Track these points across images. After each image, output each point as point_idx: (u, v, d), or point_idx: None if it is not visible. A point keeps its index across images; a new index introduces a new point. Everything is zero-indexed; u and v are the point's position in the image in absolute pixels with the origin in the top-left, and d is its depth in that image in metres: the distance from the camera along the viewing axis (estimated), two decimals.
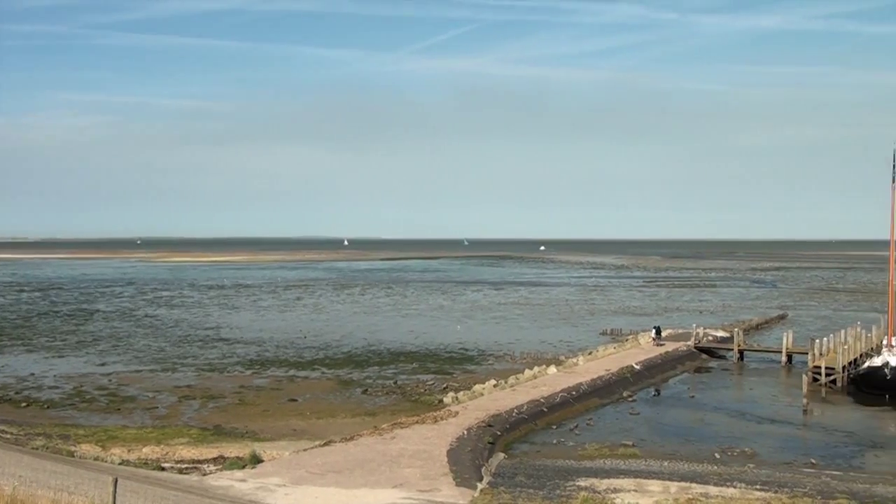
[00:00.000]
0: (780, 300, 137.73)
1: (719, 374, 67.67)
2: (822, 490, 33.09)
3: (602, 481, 33.75)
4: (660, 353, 69.93)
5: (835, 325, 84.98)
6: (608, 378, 58.36)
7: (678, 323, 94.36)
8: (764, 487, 33.22)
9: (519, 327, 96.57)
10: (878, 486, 34.32)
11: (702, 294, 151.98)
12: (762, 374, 66.80)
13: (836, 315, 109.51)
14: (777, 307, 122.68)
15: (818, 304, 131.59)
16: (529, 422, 46.17)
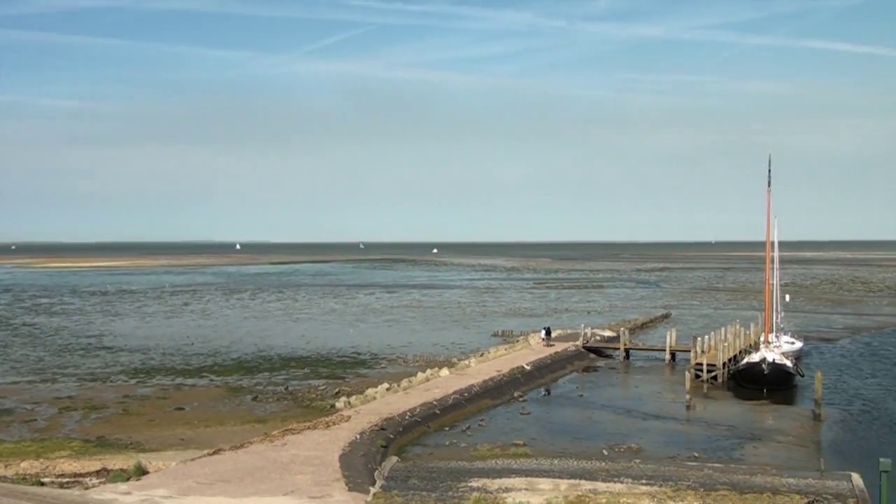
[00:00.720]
0: (664, 300, 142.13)
1: (606, 372, 69.28)
2: (704, 482, 34.19)
3: (494, 481, 34.03)
4: (549, 353, 71.11)
5: (715, 324, 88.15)
6: (499, 379, 58.97)
7: (567, 323, 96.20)
8: (650, 481, 34.11)
9: (411, 330, 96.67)
10: (757, 476, 35.67)
11: (590, 295, 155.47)
12: (647, 372, 68.71)
13: (717, 314, 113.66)
14: (661, 307, 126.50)
15: (700, 303, 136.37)
16: (422, 424, 46.22)
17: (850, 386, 61.80)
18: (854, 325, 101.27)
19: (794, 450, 43.44)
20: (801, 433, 47.40)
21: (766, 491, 33.00)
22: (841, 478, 35.42)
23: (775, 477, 35.58)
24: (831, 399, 55.32)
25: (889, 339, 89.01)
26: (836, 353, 79.34)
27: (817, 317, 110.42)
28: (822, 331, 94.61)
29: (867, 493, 33.15)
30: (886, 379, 65.23)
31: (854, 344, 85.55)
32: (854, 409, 53.60)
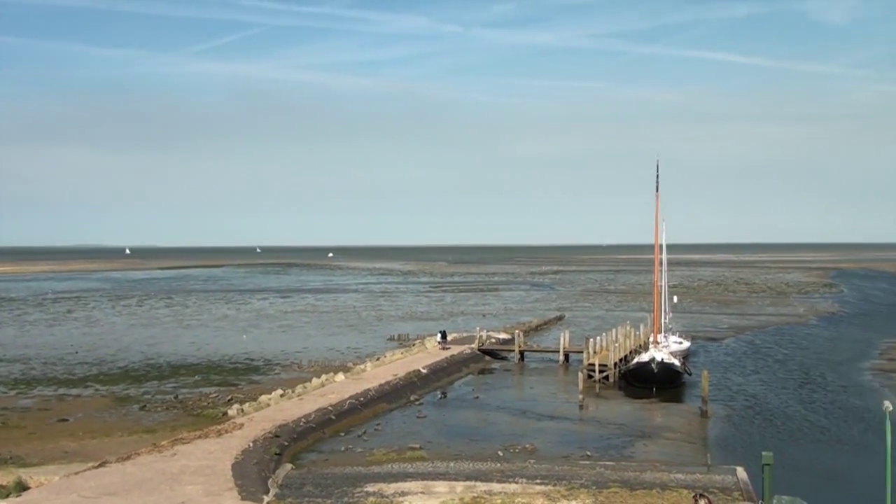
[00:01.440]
0: (558, 302, 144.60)
1: (502, 374, 69.93)
2: (596, 480, 34.78)
3: (390, 485, 33.83)
4: (446, 356, 71.31)
5: (607, 325, 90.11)
6: (396, 383, 58.78)
7: (463, 326, 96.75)
8: (544, 481, 34.49)
9: (306, 335, 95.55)
10: (647, 472, 36.50)
11: (485, 298, 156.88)
12: (542, 373, 69.66)
13: (609, 315, 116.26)
14: (555, 309, 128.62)
15: (592, 304, 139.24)
16: (317, 430, 45.63)
17: (734, 383, 64.05)
18: (738, 325, 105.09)
19: (682, 446, 44.65)
20: (689, 430, 48.79)
21: (656, 487, 33.80)
22: (726, 472, 36.59)
23: (664, 473, 36.48)
24: (717, 396, 57.19)
25: (770, 338, 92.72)
26: (722, 351, 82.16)
27: (704, 317, 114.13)
28: (708, 330, 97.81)
29: (750, 485, 34.33)
30: (767, 375, 67.90)
31: (738, 343, 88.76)
32: (738, 405, 55.57)
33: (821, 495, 33.61)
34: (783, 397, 58.72)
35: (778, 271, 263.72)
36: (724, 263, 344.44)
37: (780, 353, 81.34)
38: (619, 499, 32.03)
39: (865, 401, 56.49)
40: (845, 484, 38.82)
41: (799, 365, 73.32)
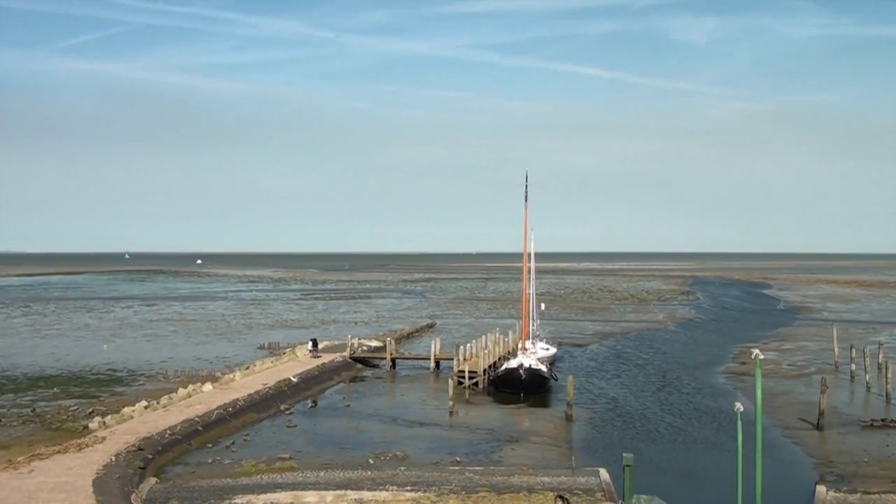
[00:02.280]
0: (429, 309, 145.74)
1: (373, 382, 70.04)
2: (465, 485, 35.45)
3: (259, 497, 33.52)
4: (317, 364, 70.90)
5: (477, 332, 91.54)
6: (265, 392, 58.08)
7: (335, 334, 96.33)
8: (414, 488, 34.90)
9: (172, 344, 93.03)
10: (515, 476, 37.43)
11: (357, 305, 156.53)
12: (413, 381, 70.16)
13: (479, 322, 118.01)
14: (426, 316, 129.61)
15: (463, 312, 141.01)
16: (184, 442, 44.63)
17: (597, 387, 66.25)
18: (602, 331, 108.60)
19: (549, 449, 45.91)
20: (555, 433, 50.19)
21: (523, 490, 34.73)
22: (590, 473, 37.94)
23: (531, 476, 37.51)
24: (582, 400, 59.04)
25: (632, 343, 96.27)
26: (587, 357, 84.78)
27: (570, 324, 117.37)
28: (574, 337, 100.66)
29: (612, 486, 35.73)
30: (628, 379, 70.54)
31: (602, 348, 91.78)
32: (601, 409, 57.55)
33: (678, 493, 35.25)
34: (643, 400, 61.15)
35: (640, 279, 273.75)
36: (589, 272, 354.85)
37: (641, 357, 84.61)
38: (488, 503, 32.75)
39: (719, 402, 59.47)
40: (700, 481, 40.81)
41: (658, 369, 76.46)
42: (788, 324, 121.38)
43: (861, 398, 62.24)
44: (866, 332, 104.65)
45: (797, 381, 68.99)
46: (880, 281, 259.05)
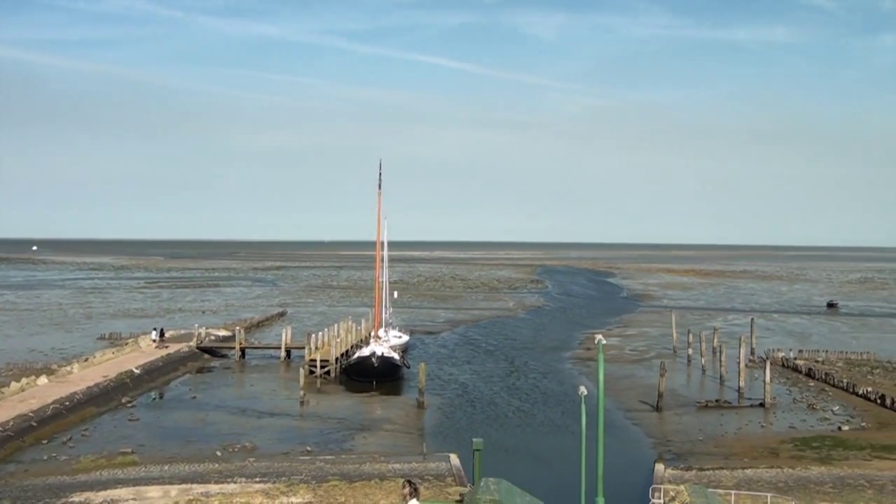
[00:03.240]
0: (281, 298, 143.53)
1: (222, 372, 68.30)
2: (316, 475, 35.04)
3: (98, 494, 32.01)
4: (161, 355, 68.50)
5: (329, 320, 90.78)
6: (106, 385, 55.61)
7: (181, 324, 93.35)
8: (263, 479, 34.20)
9: (4, 336, 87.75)
10: (366, 464, 37.31)
11: (205, 294, 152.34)
12: (263, 371, 68.85)
13: (331, 311, 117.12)
14: (277, 305, 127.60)
15: (315, 300, 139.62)
16: (16, 439, 42.13)
17: (449, 374, 66.95)
18: (454, 319, 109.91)
19: (401, 437, 46.02)
20: (407, 421, 50.37)
21: (374, 478, 34.63)
22: (441, 459, 38.27)
23: (382, 463, 37.49)
24: (433, 387, 59.50)
25: (482, 330, 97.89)
26: (438, 344, 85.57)
27: (422, 312, 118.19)
28: (426, 325, 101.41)
29: (462, 471, 36.14)
30: (479, 366, 71.67)
31: (453, 336, 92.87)
32: (453, 396, 58.18)
33: (526, 475, 36.00)
34: (493, 386, 62.24)
35: (491, 268, 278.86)
36: (441, 260, 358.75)
37: (491, 344, 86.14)
38: (339, 492, 32.47)
39: (565, 387, 61.24)
40: (547, 463, 41.85)
41: (507, 355, 78.03)
42: (631, 311, 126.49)
43: (697, 381, 65.54)
44: (702, 318, 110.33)
45: (639, 366, 71.94)
46: (716, 270, 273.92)
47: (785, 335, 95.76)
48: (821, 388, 61.16)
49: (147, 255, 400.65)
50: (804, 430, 47.82)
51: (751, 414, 52.34)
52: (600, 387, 22.94)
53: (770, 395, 54.77)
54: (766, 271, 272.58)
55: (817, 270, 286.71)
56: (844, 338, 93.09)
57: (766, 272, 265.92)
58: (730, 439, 45.55)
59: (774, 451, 42.39)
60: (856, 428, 48.05)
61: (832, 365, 69.61)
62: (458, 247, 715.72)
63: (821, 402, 55.59)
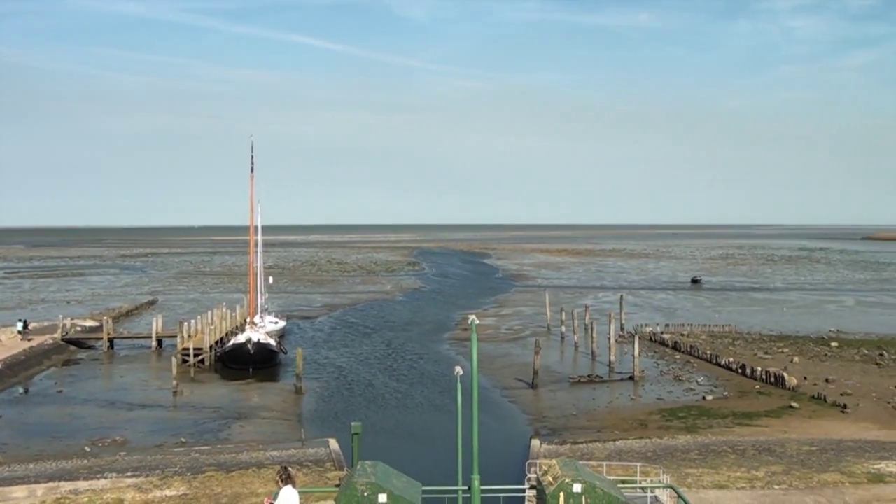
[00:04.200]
0: (151, 286, 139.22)
1: (89, 365, 65.80)
2: (191, 466, 34.28)
3: None
4: (23, 348, 65.45)
5: (203, 308, 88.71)
6: None
7: (45, 315, 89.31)
8: (136, 473, 33.22)
9: None
10: (244, 453, 36.76)
11: (70, 283, 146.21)
12: (133, 361, 66.73)
13: (205, 297, 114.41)
14: (147, 293, 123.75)
15: (187, 287, 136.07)
16: None
17: (327, 359, 66.57)
18: (331, 303, 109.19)
19: (279, 424, 45.52)
20: (285, 407, 49.85)
21: (252, 466, 34.16)
22: (320, 444, 38.11)
23: (260, 452, 37.05)
24: (311, 373, 59.03)
25: (359, 314, 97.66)
26: (316, 329, 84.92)
27: (299, 296, 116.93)
28: (303, 310, 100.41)
29: (342, 455, 36.08)
30: (356, 349, 71.56)
31: (331, 320, 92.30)
32: (331, 380, 57.91)
33: (405, 456, 36.22)
34: (371, 369, 62.28)
35: (368, 251, 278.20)
36: (318, 244, 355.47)
37: (369, 327, 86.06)
38: (215, 482, 31.87)
39: (442, 367, 61.82)
40: (425, 443, 42.22)
41: (385, 338, 78.16)
42: (506, 291, 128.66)
43: (570, 357, 67.37)
44: (575, 296, 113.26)
45: (514, 344, 73.33)
46: (587, 249, 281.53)
47: (652, 311, 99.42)
48: (686, 360, 63.89)
49: (6, 244, 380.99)
50: (671, 401, 49.89)
51: (621, 387, 54.22)
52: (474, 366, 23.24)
53: (639, 369, 56.88)
54: (635, 249, 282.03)
55: (682, 248, 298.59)
56: (707, 312, 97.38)
57: (634, 250, 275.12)
58: (601, 413, 47.07)
59: (643, 423, 44.07)
60: (719, 397, 50.47)
61: (696, 338, 72.82)
62: (336, 230, 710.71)
63: (686, 374, 58.09)
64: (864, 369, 58.77)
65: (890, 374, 56.88)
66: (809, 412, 45.98)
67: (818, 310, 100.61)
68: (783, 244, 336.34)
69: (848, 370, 58.29)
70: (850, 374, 56.54)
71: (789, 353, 64.84)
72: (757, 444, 38.01)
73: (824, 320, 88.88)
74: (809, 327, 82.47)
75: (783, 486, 30.82)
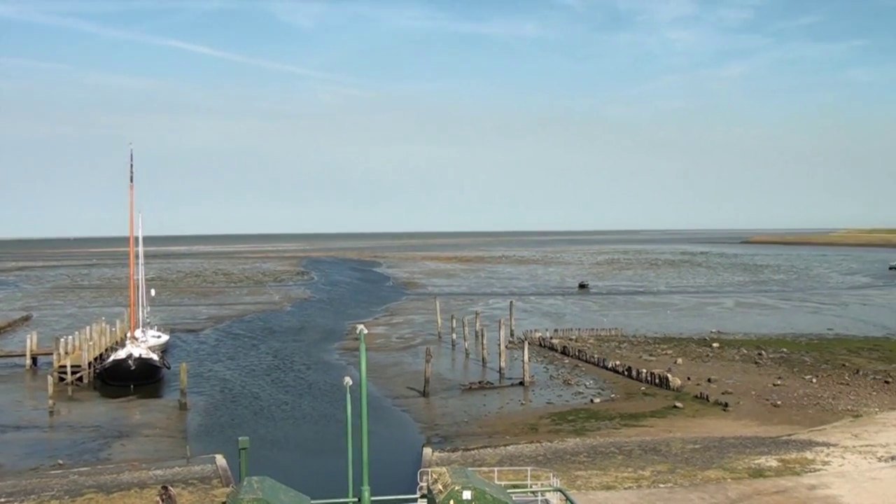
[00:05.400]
0: (24, 301, 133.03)
1: None
2: (70, 489, 32.67)
3: None
4: None
5: (81, 323, 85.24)
6: None
7: None
8: (9, 499, 31.42)
9: None
10: (125, 473, 35.29)
11: None
12: (6, 381, 63.38)
13: (83, 312, 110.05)
14: (21, 308, 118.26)
15: (64, 302, 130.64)
16: None
17: (213, 372, 64.82)
18: (217, 315, 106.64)
19: (163, 441, 43.96)
20: (169, 424, 48.21)
21: (134, 486, 32.82)
22: (206, 461, 36.94)
23: (143, 471, 35.65)
24: (197, 387, 57.35)
25: (246, 325, 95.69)
26: (201, 342, 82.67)
27: (183, 309, 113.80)
28: (187, 322, 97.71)
29: (230, 471, 35.04)
30: (243, 361, 70.01)
31: (217, 332, 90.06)
32: (218, 394, 56.38)
33: (294, 469, 35.55)
34: (259, 381, 60.95)
35: (255, 261, 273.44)
36: (203, 255, 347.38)
37: (257, 339, 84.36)
38: None
39: (331, 377, 61.04)
40: (315, 454, 41.51)
41: (273, 349, 76.73)
42: (397, 299, 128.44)
43: (461, 364, 67.57)
44: (465, 303, 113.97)
45: (406, 353, 73.10)
46: (477, 256, 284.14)
47: (542, 316, 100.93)
48: (575, 364, 64.95)
49: None
50: (560, 404, 50.58)
51: (512, 393, 54.66)
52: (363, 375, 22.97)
53: (529, 374, 57.48)
54: (524, 256, 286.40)
55: (570, 254, 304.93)
56: (595, 316, 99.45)
57: (523, 257, 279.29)
58: (493, 419, 47.31)
59: (534, 427, 44.50)
60: (606, 399, 51.45)
61: (584, 342, 74.20)
62: (222, 240, 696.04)
63: (575, 378, 59.03)
64: (743, 368, 61.01)
65: (768, 372, 59.21)
66: (693, 411, 47.37)
67: (700, 312, 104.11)
68: (666, 249, 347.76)
69: (729, 369, 60.40)
70: (730, 374, 58.59)
71: (673, 355, 66.74)
72: (643, 444, 38.85)
73: (706, 322, 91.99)
74: (692, 329, 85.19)
75: (668, 485, 31.52)
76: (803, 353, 67.52)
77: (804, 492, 30.40)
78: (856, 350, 69.43)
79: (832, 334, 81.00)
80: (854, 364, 61.95)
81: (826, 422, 44.24)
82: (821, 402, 49.34)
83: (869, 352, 68.46)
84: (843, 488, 30.76)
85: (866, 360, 64.38)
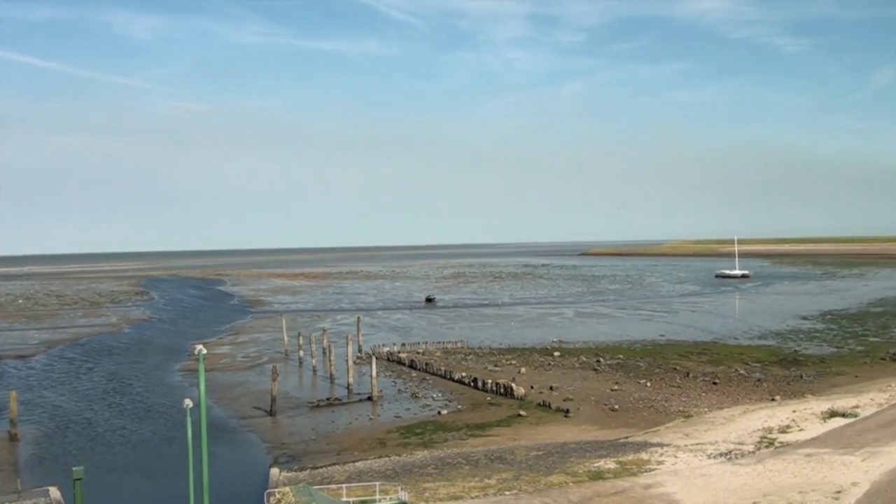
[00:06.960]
0: None
1: None
2: None
3: None
4: None
5: None
6: None
7: None
8: None
9: None
10: None
11: None
12: None
13: None
14: None
15: None
16: None
17: (46, 400, 61.55)
18: (50, 339, 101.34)
19: None
20: None
21: None
22: (39, 494, 35.09)
23: None
24: (28, 417, 54.29)
25: (81, 349, 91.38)
26: (31, 368, 78.31)
27: (12, 334, 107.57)
28: (17, 348, 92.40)
29: (64, 503, 33.43)
30: (79, 386, 66.88)
31: (50, 358, 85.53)
32: (51, 423, 53.54)
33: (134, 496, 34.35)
34: (96, 407, 58.35)
35: (90, 281, 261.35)
36: (33, 276, 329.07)
37: (93, 363, 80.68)
38: None
39: (172, 399, 59.12)
40: (156, 479, 40.18)
41: (111, 373, 73.62)
42: (242, 317, 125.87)
43: (309, 381, 66.96)
44: (313, 320, 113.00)
45: (251, 372, 71.75)
46: (324, 272, 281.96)
47: (389, 331, 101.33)
48: (422, 377, 65.60)
49: None
50: (408, 417, 50.99)
51: (360, 408, 54.65)
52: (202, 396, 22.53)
53: (376, 389, 57.63)
54: (371, 271, 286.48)
55: (417, 268, 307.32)
56: (441, 329, 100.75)
57: (370, 272, 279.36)
58: (341, 435, 47.16)
59: (382, 441, 44.66)
60: (453, 411, 52.27)
61: (431, 355, 75.08)
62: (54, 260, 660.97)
63: (423, 391, 59.64)
64: (583, 375, 63.36)
65: (606, 378, 61.75)
66: (536, 419, 48.80)
67: (542, 322, 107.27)
68: (510, 262, 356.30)
69: (570, 377, 62.58)
70: (571, 381, 60.73)
71: (517, 365, 68.53)
72: (489, 453, 39.70)
73: (548, 332, 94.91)
74: (535, 339, 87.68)
75: (514, 492, 32.35)
76: (638, 359, 70.83)
77: (640, 491, 31.88)
78: (686, 354, 73.44)
79: (664, 340, 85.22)
80: (685, 367, 65.56)
81: (660, 423, 46.59)
82: (655, 405, 51.89)
83: (698, 356, 72.54)
84: (676, 485, 32.46)
85: (696, 363, 68.24)
